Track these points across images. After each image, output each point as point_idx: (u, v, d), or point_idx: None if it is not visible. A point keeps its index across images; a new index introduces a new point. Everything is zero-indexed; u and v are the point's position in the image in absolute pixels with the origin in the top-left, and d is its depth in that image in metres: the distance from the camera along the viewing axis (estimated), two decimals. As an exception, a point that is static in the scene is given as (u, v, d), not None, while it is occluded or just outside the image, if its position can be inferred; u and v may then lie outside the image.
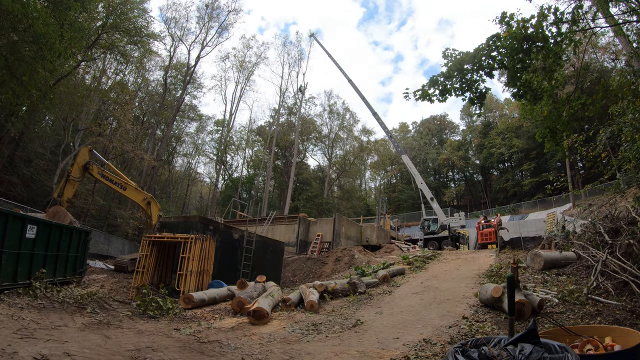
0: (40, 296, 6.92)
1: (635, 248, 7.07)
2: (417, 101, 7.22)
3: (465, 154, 56.41)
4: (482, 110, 10.31)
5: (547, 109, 7.97)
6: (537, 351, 2.56)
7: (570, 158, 14.17)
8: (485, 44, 6.76)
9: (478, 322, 6.48)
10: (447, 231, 25.09)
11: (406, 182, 56.01)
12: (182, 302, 8.56)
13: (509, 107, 52.75)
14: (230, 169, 53.18)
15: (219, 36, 39.46)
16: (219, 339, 5.95)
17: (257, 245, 13.74)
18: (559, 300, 7.11)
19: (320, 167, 58.71)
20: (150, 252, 10.86)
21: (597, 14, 8.19)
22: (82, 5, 13.93)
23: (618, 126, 8.76)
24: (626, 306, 6.04)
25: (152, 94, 38.92)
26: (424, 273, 13.48)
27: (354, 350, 5.32)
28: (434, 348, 5.15)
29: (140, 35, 25.18)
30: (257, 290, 9.27)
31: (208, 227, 12.12)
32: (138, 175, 34.32)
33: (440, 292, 9.58)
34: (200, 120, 49.71)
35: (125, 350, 5.08)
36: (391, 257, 18.45)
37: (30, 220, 7.68)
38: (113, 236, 26.66)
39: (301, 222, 23.62)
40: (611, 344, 3.40)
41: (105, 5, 22.22)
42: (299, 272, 17.57)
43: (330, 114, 54.60)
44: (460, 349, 2.86)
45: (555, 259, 10.34)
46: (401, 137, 63.56)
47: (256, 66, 48.13)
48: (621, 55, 26.68)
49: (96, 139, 24.56)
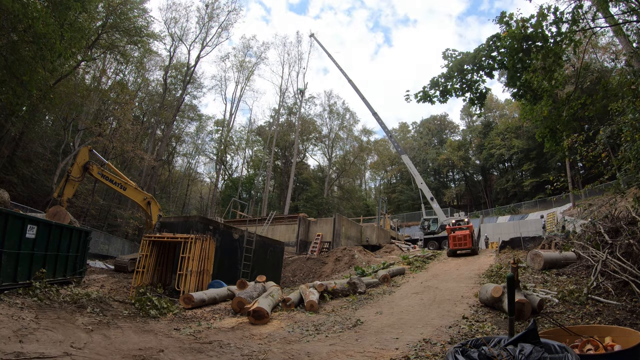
0: (40, 296, 6.91)
1: (635, 248, 7.07)
2: (418, 103, 7.22)
3: (465, 154, 56.42)
4: (482, 110, 10.32)
5: (547, 109, 7.96)
6: (537, 351, 2.56)
7: (570, 158, 14.16)
8: (485, 44, 6.76)
9: (478, 322, 6.48)
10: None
11: (406, 182, 56.02)
12: (182, 302, 8.55)
13: (509, 107, 52.77)
14: (230, 169, 53.26)
15: (218, 36, 39.52)
16: (219, 339, 5.95)
17: (257, 245, 13.74)
18: (559, 300, 7.11)
19: (320, 167, 58.76)
20: (150, 252, 10.86)
21: (597, 14, 8.19)
22: (82, 5, 13.94)
23: (618, 126, 8.77)
24: (626, 306, 6.04)
25: (152, 94, 38.94)
26: (424, 273, 13.48)
27: (354, 350, 5.32)
28: (434, 348, 5.15)
29: (140, 35, 25.21)
30: (257, 290, 9.27)
31: (208, 227, 12.12)
32: (138, 175, 34.33)
33: (440, 292, 9.58)
34: (200, 120, 49.79)
35: (125, 350, 5.08)
36: (391, 257, 18.45)
37: (30, 220, 7.68)
38: (113, 236, 26.68)
39: (301, 222, 23.62)
40: (611, 344, 3.40)
41: (105, 5, 22.23)
42: (299, 272, 17.57)
43: (330, 114, 54.71)
44: (460, 349, 2.86)
45: (555, 259, 10.34)
46: (401, 137, 63.59)
47: (256, 66, 48.27)
48: (621, 55, 26.70)
49: (96, 139, 24.55)
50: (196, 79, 41.98)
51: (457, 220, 19.91)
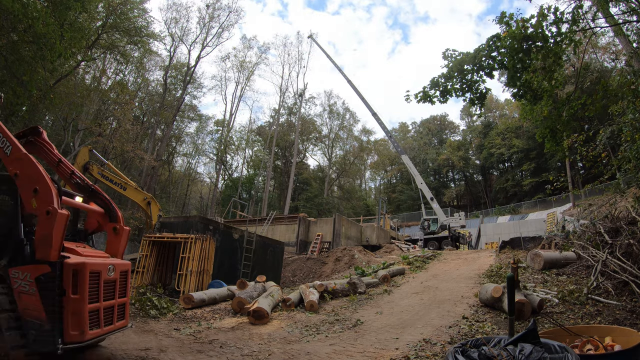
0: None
1: (635, 248, 7.07)
2: (418, 103, 7.22)
3: (465, 154, 56.39)
4: (482, 110, 10.31)
5: (547, 109, 7.96)
6: (537, 351, 2.56)
7: (570, 158, 14.17)
8: (486, 44, 6.76)
9: (478, 322, 6.48)
10: (447, 231, 25.11)
11: (406, 182, 56.00)
12: (182, 302, 8.56)
13: (509, 107, 52.75)
14: (230, 169, 53.23)
15: (219, 36, 39.49)
16: (219, 339, 5.95)
17: (257, 245, 13.74)
18: (559, 300, 7.11)
19: (320, 167, 58.73)
20: (150, 252, 10.86)
21: (597, 14, 8.19)
22: (82, 5, 13.93)
23: (618, 126, 8.76)
24: (626, 306, 6.04)
25: (152, 94, 38.91)
26: (424, 273, 13.48)
27: (354, 350, 5.32)
28: (434, 348, 5.15)
29: (140, 35, 25.19)
30: (257, 290, 9.27)
31: (208, 227, 12.12)
32: (138, 175, 34.32)
33: (440, 292, 9.58)
34: (200, 120, 49.72)
35: (125, 350, 5.09)
36: (391, 257, 18.44)
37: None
38: (113, 236, 26.59)
39: (301, 222, 23.62)
40: (611, 344, 3.41)
41: (105, 5, 22.21)
42: (299, 272, 17.56)
43: (330, 114, 54.66)
44: (460, 349, 2.86)
45: (555, 259, 10.34)
46: (401, 137, 63.55)
47: (256, 66, 48.15)
48: (621, 55, 26.70)
49: (96, 139, 24.53)
50: (196, 79, 41.97)
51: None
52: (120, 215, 4.86)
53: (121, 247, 4.80)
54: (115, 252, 4.72)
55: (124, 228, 4.80)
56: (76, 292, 3.66)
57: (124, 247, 4.87)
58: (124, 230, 4.80)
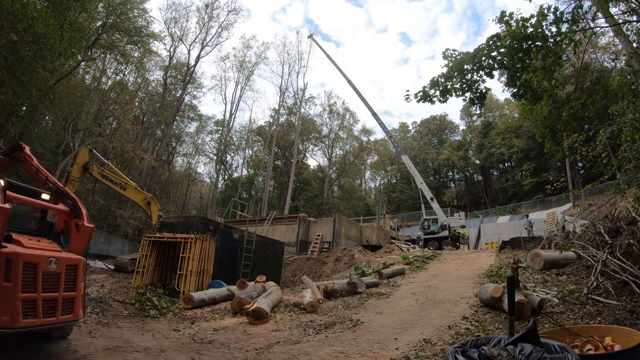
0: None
1: (635, 248, 7.06)
2: (418, 102, 7.21)
3: (465, 154, 56.38)
4: (482, 110, 10.31)
5: (547, 109, 7.96)
6: (537, 351, 2.56)
7: (570, 158, 14.18)
8: (485, 44, 6.75)
9: (478, 322, 6.48)
10: (447, 231, 25.11)
11: (406, 182, 55.99)
12: (182, 302, 8.56)
13: (509, 107, 52.72)
14: (230, 169, 53.22)
15: (218, 36, 39.49)
16: (218, 339, 5.95)
17: (257, 245, 13.74)
18: (559, 300, 7.10)
19: (320, 167, 58.73)
20: (150, 252, 10.86)
21: (597, 14, 8.19)
22: (82, 5, 13.94)
23: (618, 126, 8.76)
24: (626, 306, 6.04)
25: (152, 94, 38.92)
26: (424, 273, 13.47)
27: (354, 350, 5.31)
28: (434, 348, 5.15)
29: (140, 35, 25.18)
30: (256, 290, 9.27)
31: (208, 227, 12.12)
32: (138, 175, 34.33)
33: (440, 292, 9.57)
34: (200, 120, 49.72)
35: (125, 350, 5.08)
36: (391, 257, 18.44)
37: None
38: (113, 236, 26.68)
39: (301, 222, 23.61)
40: (611, 344, 3.40)
41: (105, 5, 22.22)
42: (299, 272, 17.55)
43: (330, 114, 54.65)
44: (460, 349, 2.86)
45: (555, 259, 10.33)
46: (401, 137, 63.55)
47: (256, 66, 48.15)
48: (621, 55, 26.72)
49: (96, 139, 24.54)
50: (196, 79, 41.97)
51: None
52: (85, 213, 5.05)
53: (83, 243, 4.96)
54: (77, 248, 4.88)
55: (86, 225, 4.96)
56: (9, 280, 3.84)
57: (86, 243, 5.02)
58: (85, 227, 4.96)
